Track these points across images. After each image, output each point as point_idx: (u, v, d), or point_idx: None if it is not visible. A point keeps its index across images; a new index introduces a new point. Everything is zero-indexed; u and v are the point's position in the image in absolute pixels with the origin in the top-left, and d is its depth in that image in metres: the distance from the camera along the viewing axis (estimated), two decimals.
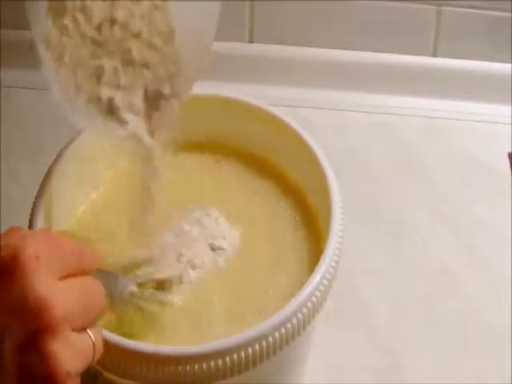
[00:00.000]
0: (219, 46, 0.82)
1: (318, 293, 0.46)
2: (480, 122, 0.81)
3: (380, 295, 0.65)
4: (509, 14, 0.79)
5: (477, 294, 0.66)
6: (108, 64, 0.47)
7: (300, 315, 0.45)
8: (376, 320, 0.64)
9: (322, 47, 0.83)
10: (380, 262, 0.68)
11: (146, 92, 0.49)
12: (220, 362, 0.42)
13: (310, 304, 0.45)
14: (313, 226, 0.55)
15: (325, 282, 0.46)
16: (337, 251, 0.48)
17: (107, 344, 0.43)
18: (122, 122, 0.48)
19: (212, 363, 0.42)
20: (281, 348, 0.44)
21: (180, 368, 0.42)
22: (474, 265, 0.68)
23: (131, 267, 0.49)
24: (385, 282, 0.66)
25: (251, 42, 0.84)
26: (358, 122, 0.80)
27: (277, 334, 0.44)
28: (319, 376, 0.58)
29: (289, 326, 0.44)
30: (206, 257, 0.52)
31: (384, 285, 0.66)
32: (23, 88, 0.81)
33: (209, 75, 0.49)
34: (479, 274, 0.67)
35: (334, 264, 0.47)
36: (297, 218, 0.56)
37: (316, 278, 0.46)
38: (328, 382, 0.59)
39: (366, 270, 0.67)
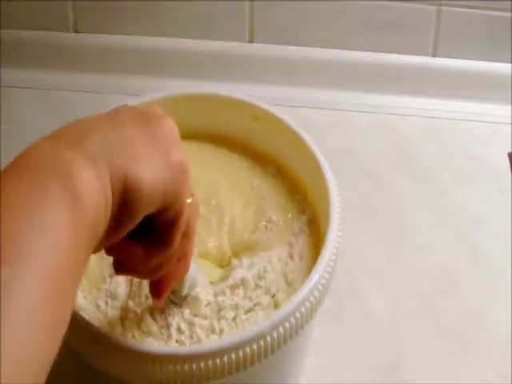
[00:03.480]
0: (219, 46, 0.83)
1: (316, 292, 0.46)
2: (480, 121, 0.81)
3: (380, 295, 0.65)
4: (509, 14, 0.79)
5: (477, 293, 0.66)
6: None
7: (298, 315, 0.45)
8: (376, 320, 0.63)
9: (322, 47, 0.83)
10: (380, 261, 0.68)
11: None
12: (218, 361, 0.42)
13: (308, 303, 0.45)
14: (314, 225, 0.55)
15: (323, 281, 0.46)
16: (334, 250, 0.48)
17: (105, 343, 0.43)
18: None
19: (210, 362, 0.42)
20: (279, 347, 0.44)
21: (178, 367, 0.42)
22: (473, 265, 0.68)
23: None
24: (385, 282, 0.66)
25: (251, 41, 0.84)
26: (358, 121, 0.80)
27: (275, 333, 0.44)
28: (318, 376, 0.58)
29: (287, 325, 0.44)
30: None
31: (384, 285, 0.66)
32: (23, 88, 0.81)
33: None
34: (479, 274, 0.67)
35: (331, 263, 0.47)
36: (297, 217, 0.56)
37: (314, 278, 0.46)
38: (327, 381, 0.59)
39: (365, 270, 0.66)
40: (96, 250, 0.37)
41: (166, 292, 0.46)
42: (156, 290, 0.46)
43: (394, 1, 0.80)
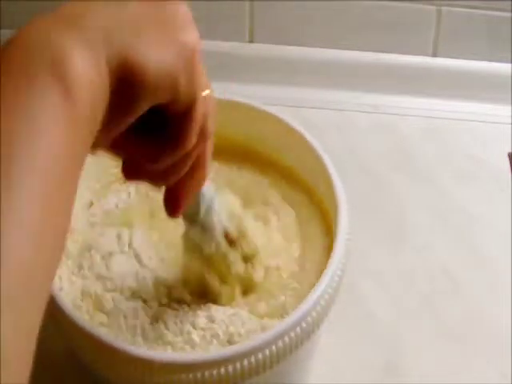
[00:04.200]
0: (219, 46, 0.83)
1: (322, 302, 0.45)
2: (480, 121, 0.81)
3: (380, 295, 0.65)
4: (509, 14, 0.79)
5: (477, 293, 0.66)
6: None
7: (305, 324, 0.44)
8: (376, 320, 0.63)
9: (322, 47, 0.83)
10: (380, 261, 0.68)
11: None
12: (222, 370, 0.42)
13: (314, 313, 0.45)
14: (323, 220, 0.55)
15: (330, 290, 0.46)
16: (342, 259, 0.48)
17: (112, 350, 0.43)
18: None
19: (215, 371, 0.42)
20: (285, 356, 0.44)
21: (190, 375, 0.42)
22: (474, 265, 0.68)
23: None
24: (385, 282, 0.66)
25: (251, 41, 0.84)
26: (358, 121, 0.80)
27: (281, 343, 0.44)
28: (318, 375, 0.58)
29: (293, 334, 0.44)
30: None
31: (384, 285, 0.66)
32: None
33: None
34: (479, 274, 0.67)
35: (339, 272, 0.47)
36: (305, 216, 0.56)
37: (321, 287, 0.46)
38: (327, 381, 0.59)
39: (365, 270, 0.66)
40: (96, 146, 0.34)
41: (181, 206, 0.42)
42: (171, 203, 0.42)
43: (394, 1, 0.80)
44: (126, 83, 0.32)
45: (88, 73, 0.31)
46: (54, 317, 0.45)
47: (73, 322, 0.44)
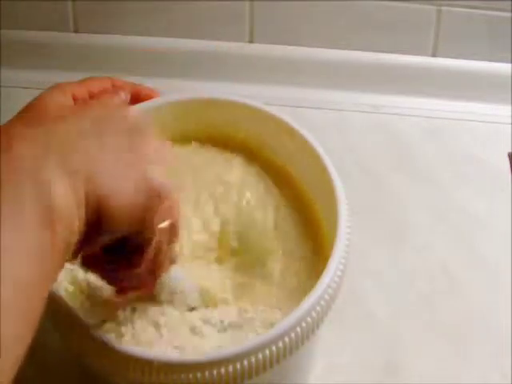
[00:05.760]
0: (219, 46, 0.83)
1: (322, 302, 0.45)
2: (480, 121, 0.81)
3: (380, 295, 0.65)
4: (509, 14, 0.79)
5: (477, 293, 0.66)
6: None
7: (299, 329, 0.44)
8: (376, 320, 0.64)
9: (322, 47, 0.83)
10: (380, 261, 0.68)
11: None
12: (223, 370, 0.42)
13: (314, 314, 0.45)
14: (315, 227, 0.55)
15: (330, 291, 0.46)
16: (341, 266, 0.48)
17: (113, 351, 0.43)
18: None
19: (214, 372, 0.42)
20: (285, 356, 0.44)
21: (182, 376, 0.42)
22: (474, 265, 0.68)
23: None
24: (385, 282, 0.66)
25: (251, 42, 0.84)
26: (357, 122, 0.80)
27: (280, 343, 0.44)
28: (317, 375, 0.58)
29: (293, 335, 0.44)
30: None
31: (384, 285, 0.66)
32: (23, 88, 0.81)
33: None
34: (479, 274, 0.67)
35: (337, 279, 0.47)
36: (301, 221, 0.56)
37: (319, 289, 0.46)
38: (326, 381, 0.59)
39: (365, 270, 0.66)
40: (72, 258, 0.39)
41: (125, 295, 0.47)
42: (118, 291, 0.47)
43: (394, 1, 0.80)
44: (98, 218, 0.37)
45: (69, 204, 0.35)
46: (54, 317, 0.45)
47: (73, 322, 0.44)
